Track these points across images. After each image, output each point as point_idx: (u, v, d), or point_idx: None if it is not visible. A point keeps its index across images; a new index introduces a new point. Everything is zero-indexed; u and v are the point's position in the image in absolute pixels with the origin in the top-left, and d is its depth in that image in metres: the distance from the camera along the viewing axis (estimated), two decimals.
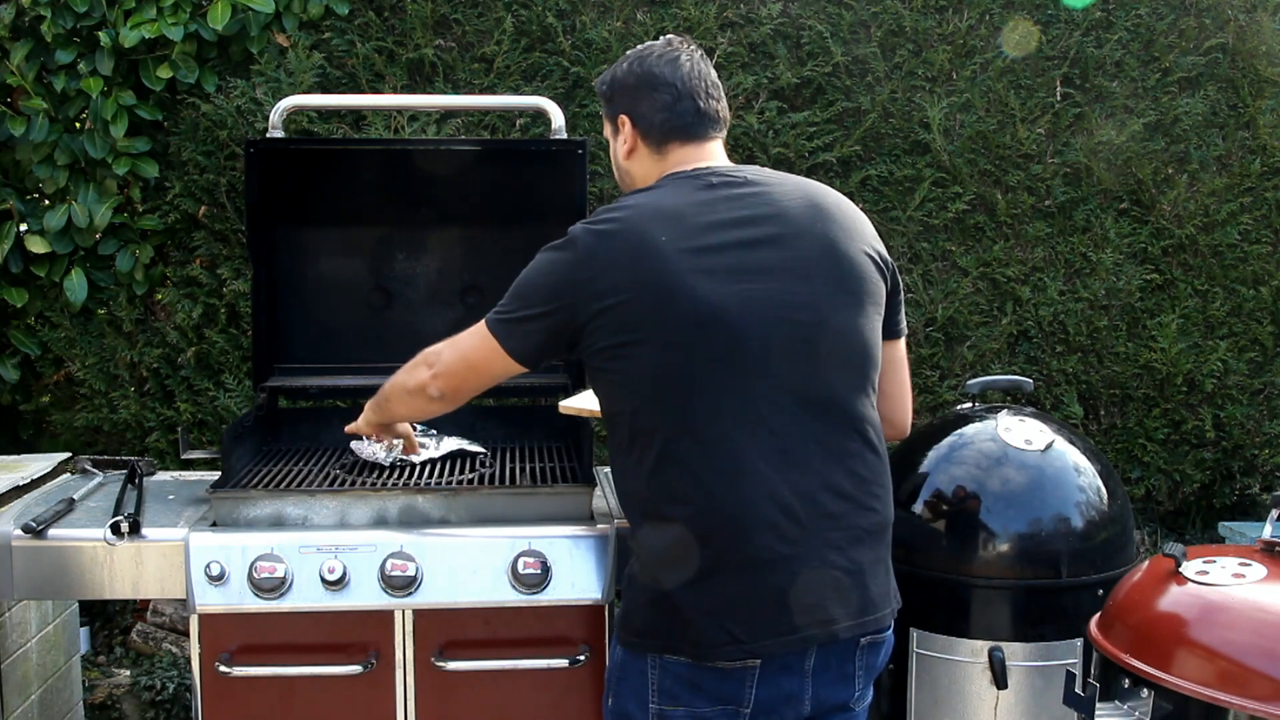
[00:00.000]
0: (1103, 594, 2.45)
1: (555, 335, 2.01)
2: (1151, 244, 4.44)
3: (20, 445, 4.25)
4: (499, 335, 2.06)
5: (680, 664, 1.94)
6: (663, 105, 2.08)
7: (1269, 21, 4.45)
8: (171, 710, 3.88)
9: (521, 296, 2.05)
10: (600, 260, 1.95)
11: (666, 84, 2.08)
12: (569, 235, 2.01)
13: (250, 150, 2.83)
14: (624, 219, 1.98)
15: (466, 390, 2.21)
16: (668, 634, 1.95)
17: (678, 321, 1.91)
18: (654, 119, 2.09)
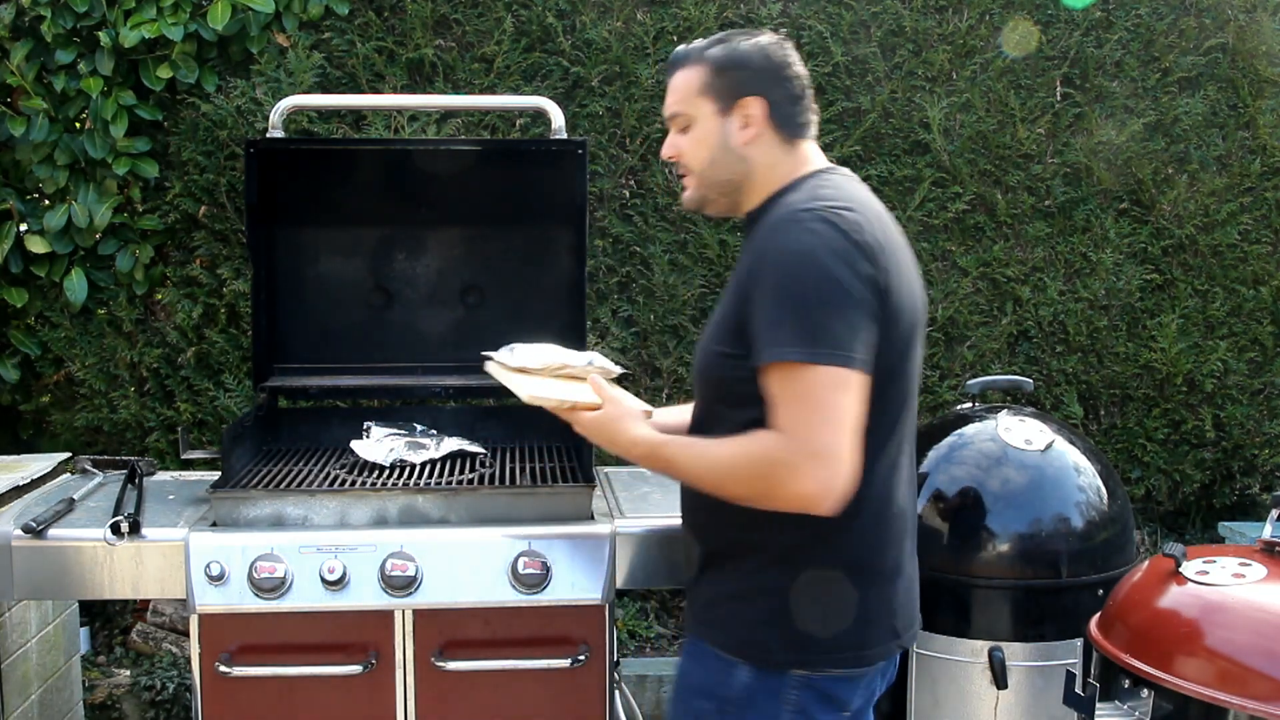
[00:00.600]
0: (1103, 594, 2.46)
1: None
2: (1151, 244, 4.44)
3: (20, 445, 4.25)
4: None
5: (827, 677, 1.88)
6: (795, 96, 1.97)
7: (1269, 21, 4.45)
8: (171, 710, 3.88)
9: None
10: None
11: (797, 76, 1.98)
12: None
13: (250, 150, 2.83)
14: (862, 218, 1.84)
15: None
16: (832, 644, 1.87)
17: (908, 326, 1.89)
18: (789, 109, 1.97)
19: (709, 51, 1.97)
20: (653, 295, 4.19)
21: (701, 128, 1.97)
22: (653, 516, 2.51)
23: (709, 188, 2.00)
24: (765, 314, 1.77)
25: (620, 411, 1.99)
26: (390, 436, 2.76)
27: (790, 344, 1.73)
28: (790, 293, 1.76)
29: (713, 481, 1.85)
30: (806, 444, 1.71)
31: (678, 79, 1.99)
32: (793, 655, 1.87)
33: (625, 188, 4.21)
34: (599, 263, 4.15)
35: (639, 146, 4.16)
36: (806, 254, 1.76)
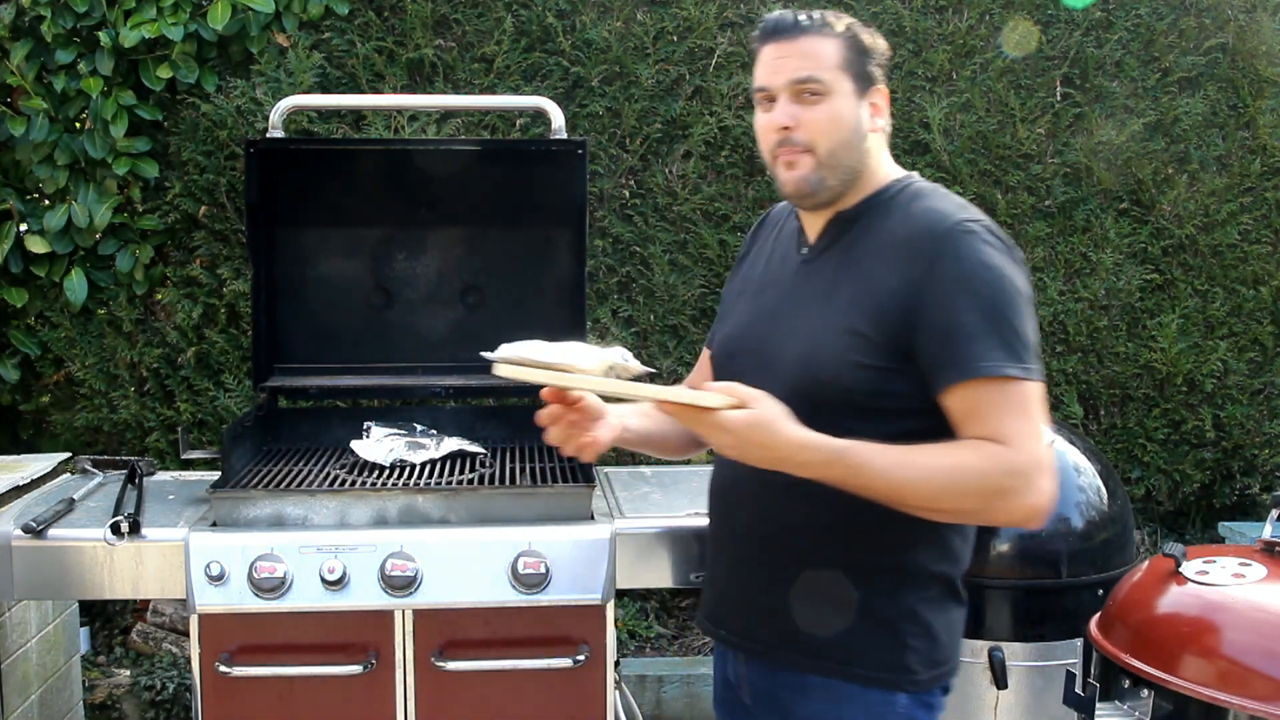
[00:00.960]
0: (1103, 594, 2.46)
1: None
2: (1151, 244, 4.44)
3: (20, 445, 4.24)
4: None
5: (936, 693, 1.86)
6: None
7: (1269, 21, 4.45)
8: (171, 710, 3.88)
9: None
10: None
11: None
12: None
13: (250, 150, 2.83)
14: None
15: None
16: (946, 660, 1.85)
17: None
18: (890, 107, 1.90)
19: (840, 28, 1.83)
20: (653, 295, 4.18)
21: (839, 105, 1.82)
22: (653, 516, 2.51)
23: (831, 171, 1.83)
24: (963, 328, 1.69)
25: (774, 410, 1.67)
26: (390, 436, 2.76)
27: (1004, 359, 1.68)
28: (993, 307, 1.70)
29: (928, 493, 1.68)
30: (1033, 457, 1.66)
31: (811, 45, 1.81)
32: (933, 673, 1.83)
33: (625, 188, 4.21)
34: (599, 263, 4.15)
35: (639, 146, 4.16)
36: (999, 269, 1.73)
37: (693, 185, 4.19)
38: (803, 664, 1.84)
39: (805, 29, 1.82)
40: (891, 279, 1.76)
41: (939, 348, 1.71)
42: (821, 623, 1.82)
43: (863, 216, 1.86)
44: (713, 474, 2.01)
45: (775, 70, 1.83)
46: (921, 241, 1.76)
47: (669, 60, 4.15)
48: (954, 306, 1.71)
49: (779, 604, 1.84)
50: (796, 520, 1.82)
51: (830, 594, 1.80)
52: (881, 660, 1.80)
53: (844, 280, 1.82)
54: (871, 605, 1.80)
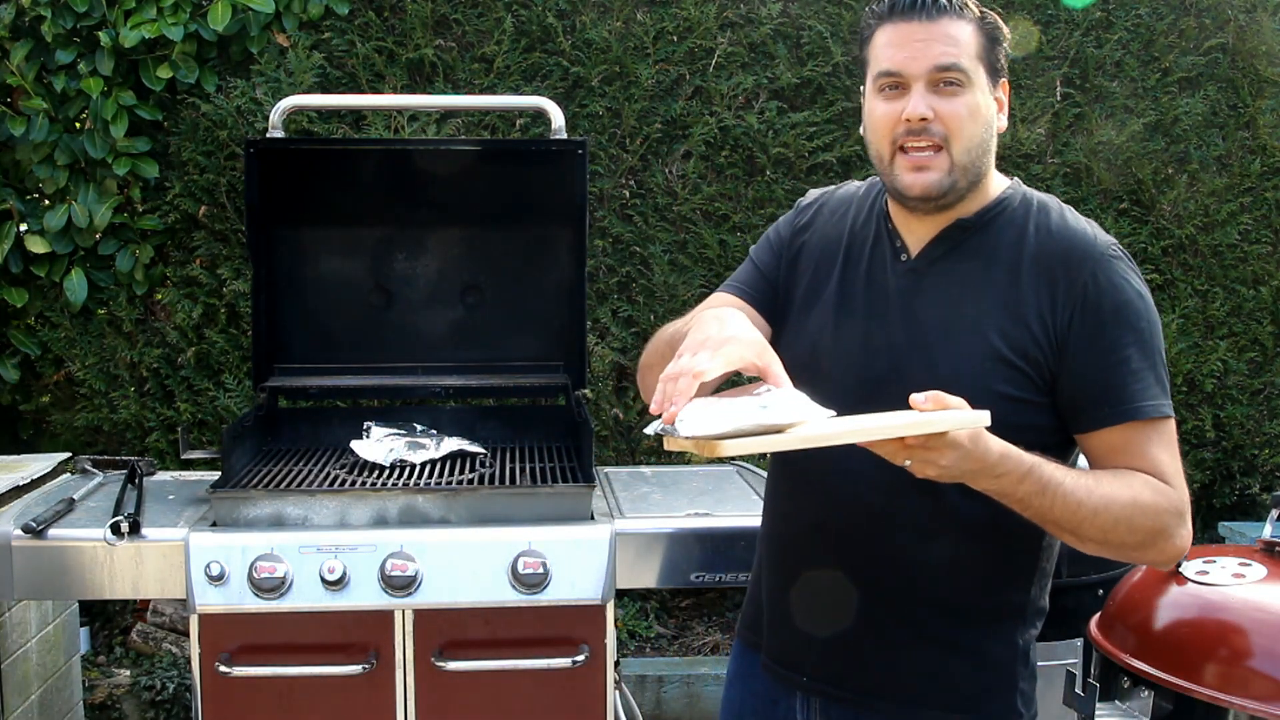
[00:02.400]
0: (1103, 594, 2.46)
1: None
2: (1151, 244, 4.44)
3: (20, 445, 4.24)
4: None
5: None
6: None
7: (1269, 21, 4.45)
8: (171, 710, 3.88)
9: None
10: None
11: None
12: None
13: (250, 150, 2.83)
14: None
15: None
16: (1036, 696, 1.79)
17: None
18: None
19: (976, 10, 1.65)
20: (653, 295, 4.18)
21: (977, 99, 1.62)
22: (653, 516, 2.51)
23: (964, 172, 1.63)
24: (1126, 364, 1.60)
25: (981, 428, 1.49)
26: (390, 436, 2.76)
27: (1161, 396, 1.61)
28: (1150, 341, 1.63)
29: (1104, 522, 1.55)
30: (1186, 499, 1.61)
31: (952, 28, 1.62)
32: (1032, 711, 1.76)
33: (625, 188, 4.21)
34: (599, 263, 4.15)
35: (639, 146, 4.16)
36: (1148, 299, 1.67)
37: (693, 185, 4.19)
38: (901, 715, 1.70)
39: (944, 9, 1.62)
40: (1040, 303, 1.62)
41: (1097, 385, 1.60)
42: (942, 669, 1.69)
43: (985, 226, 1.68)
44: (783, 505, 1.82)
45: (912, 54, 1.61)
46: (1072, 266, 1.63)
47: (669, 60, 4.15)
48: (1117, 341, 1.60)
49: (898, 651, 1.70)
50: (938, 559, 1.67)
51: (948, 638, 1.68)
52: (995, 705, 1.70)
53: (974, 299, 1.64)
54: (990, 647, 1.70)
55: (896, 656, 1.70)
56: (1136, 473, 1.60)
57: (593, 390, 4.06)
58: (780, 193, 4.19)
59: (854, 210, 1.81)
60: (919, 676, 1.70)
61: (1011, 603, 1.70)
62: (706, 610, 4.46)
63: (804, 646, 1.77)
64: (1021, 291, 1.63)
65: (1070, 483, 1.54)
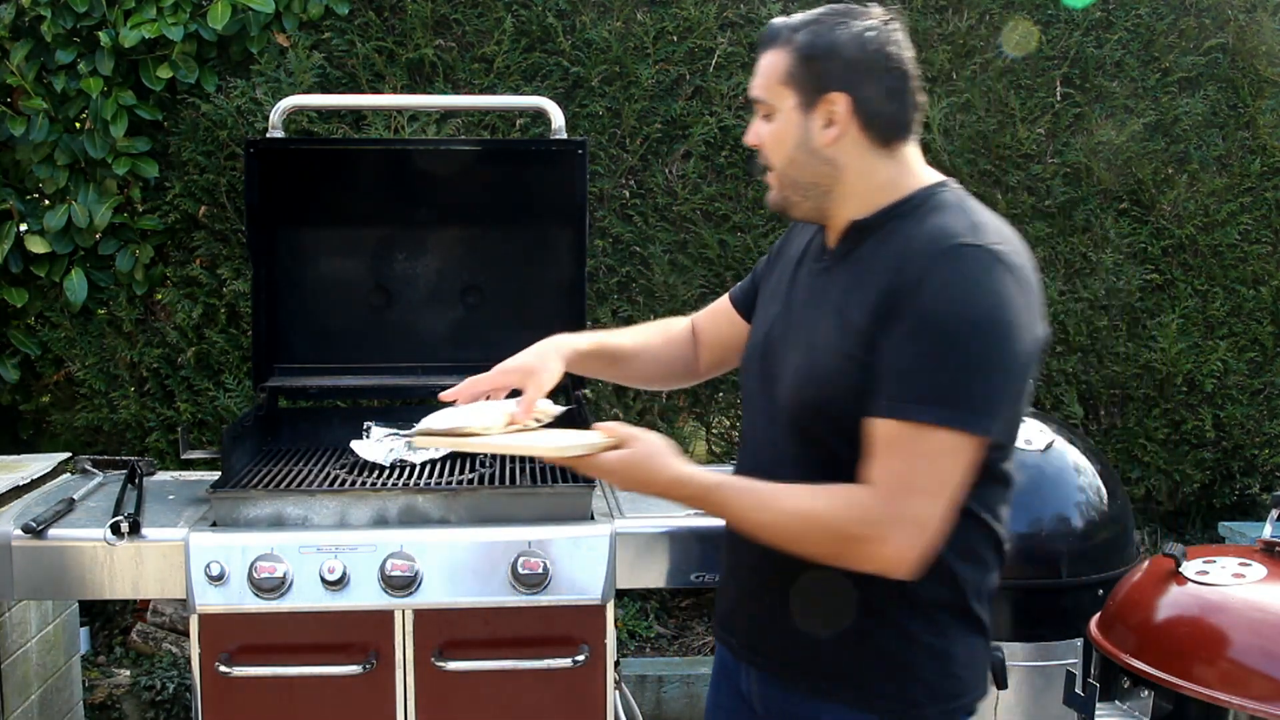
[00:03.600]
0: (1103, 594, 2.46)
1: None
2: (1151, 244, 4.44)
3: (20, 445, 4.24)
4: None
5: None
6: (894, 92, 1.72)
7: (1269, 21, 4.45)
8: (171, 710, 3.88)
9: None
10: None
11: (899, 68, 1.72)
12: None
13: (250, 150, 2.83)
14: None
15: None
16: (962, 692, 1.78)
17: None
18: (884, 108, 1.71)
19: (798, 35, 1.74)
20: (653, 295, 4.18)
21: (781, 122, 1.75)
22: (653, 516, 2.50)
23: (790, 189, 1.77)
24: (903, 360, 1.59)
25: (651, 447, 1.72)
26: (390, 436, 2.76)
27: (929, 401, 1.56)
28: (954, 349, 1.57)
29: (784, 537, 1.66)
30: (897, 510, 1.58)
31: (764, 61, 1.78)
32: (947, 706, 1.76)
33: (625, 188, 4.21)
34: (599, 263, 4.15)
35: (639, 146, 4.16)
36: (982, 302, 1.58)
37: (693, 185, 4.19)
38: (815, 690, 1.77)
39: (765, 42, 1.80)
40: (883, 296, 1.64)
41: (879, 370, 1.61)
42: (830, 650, 1.75)
43: (881, 226, 1.72)
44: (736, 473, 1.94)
45: (750, 85, 1.82)
46: (913, 259, 1.63)
47: (669, 60, 4.15)
48: (909, 337, 1.59)
49: (790, 626, 1.77)
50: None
51: (836, 622, 1.73)
52: (888, 691, 1.72)
53: (849, 297, 1.70)
54: (875, 635, 1.72)
55: (791, 634, 1.77)
56: (831, 486, 1.63)
57: (593, 390, 4.06)
58: None
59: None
60: (808, 654, 1.76)
61: (896, 592, 1.67)
62: (706, 610, 4.46)
63: (734, 612, 1.90)
64: (877, 289, 1.66)
65: (744, 503, 1.69)
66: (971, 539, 1.72)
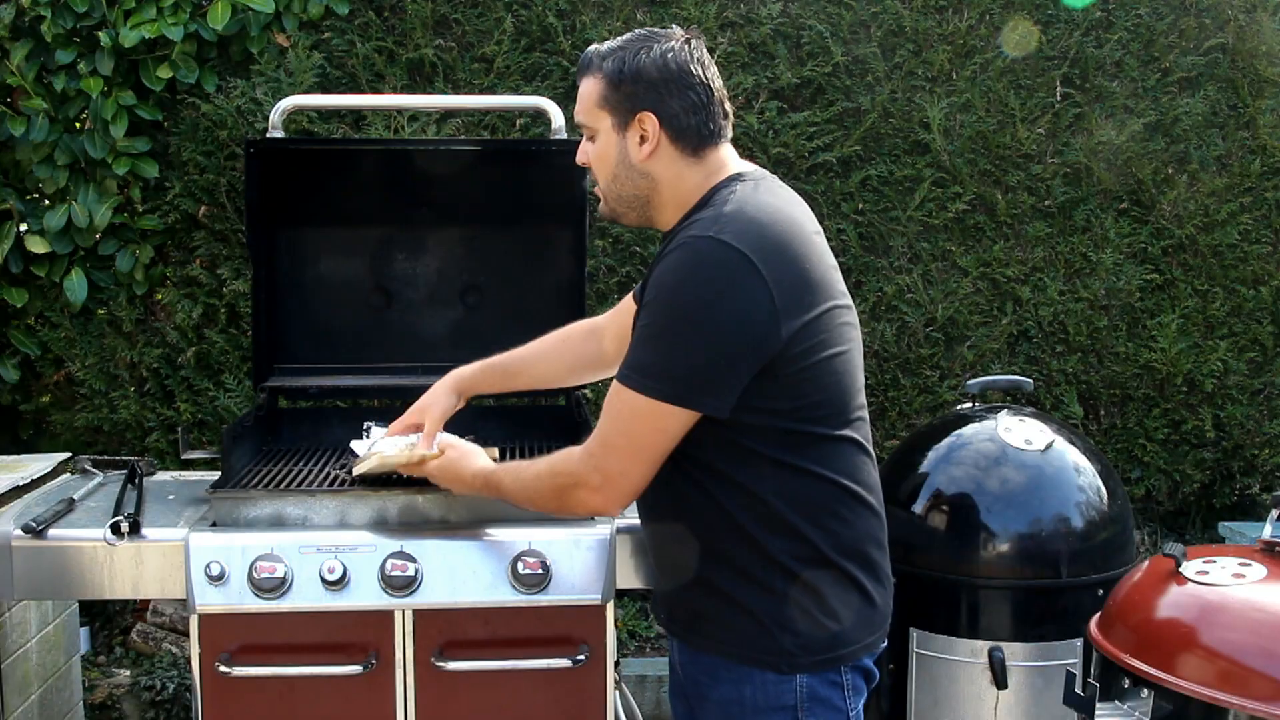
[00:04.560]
0: (1103, 594, 2.46)
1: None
2: (1151, 244, 4.44)
3: (20, 445, 4.24)
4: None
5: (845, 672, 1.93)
6: (697, 106, 1.91)
7: (1269, 21, 4.45)
8: (171, 710, 3.88)
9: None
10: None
11: (700, 83, 1.91)
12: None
13: (250, 150, 2.83)
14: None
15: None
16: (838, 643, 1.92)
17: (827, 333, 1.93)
18: (688, 121, 1.91)
19: (605, 63, 1.93)
20: None
21: (602, 143, 1.97)
22: None
23: (616, 202, 2.00)
24: (633, 335, 1.86)
25: (459, 452, 2.19)
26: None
27: (631, 368, 1.82)
28: (657, 320, 1.81)
29: (526, 499, 2.04)
30: (589, 459, 1.89)
31: (582, 88, 1.98)
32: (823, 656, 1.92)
33: None
34: (599, 263, 4.15)
35: None
36: (684, 286, 1.80)
37: None
38: (706, 648, 1.94)
39: (581, 70, 1.98)
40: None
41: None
42: (706, 609, 1.93)
43: (674, 235, 1.92)
44: None
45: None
46: (662, 254, 1.88)
47: None
48: (640, 317, 1.86)
49: (678, 593, 1.99)
50: (664, 514, 1.98)
51: (702, 582, 1.92)
52: (758, 643, 1.88)
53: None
54: (742, 592, 1.88)
55: (681, 596, 1.99)
56: (557, 453, 1.96)
57: (592, 390, 4.06)
58: None
59: None
60: (693, 614, 1.97)
61: (748, 554, 1.86)
62: None
63: (656, 592, 2.15)
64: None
65: (507, 480, 2.07)
66: (816, 496, 1.87)
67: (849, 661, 1.90)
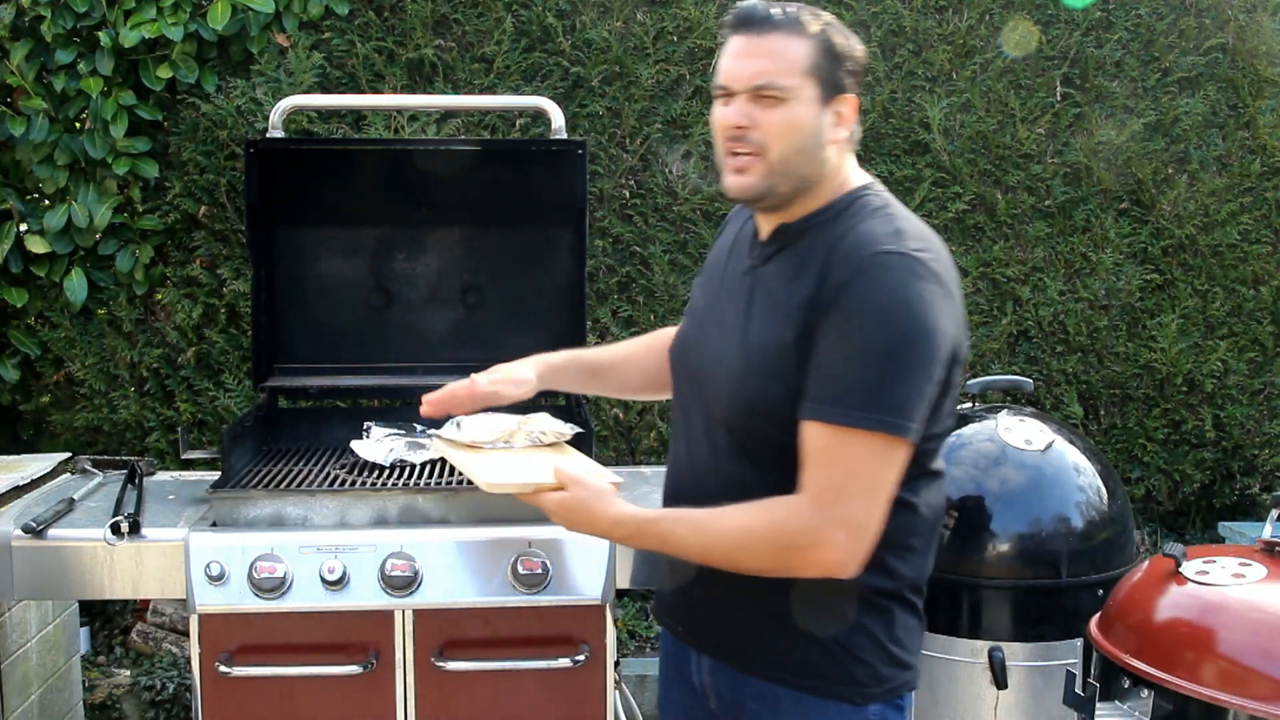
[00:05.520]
0: (1103, 594, 2.46)
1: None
2: (1151, 244, 4.44)
3: (20, 445, 4.24)
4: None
5: (904, 697, 1.84)
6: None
7: (1269, 21, 4.45)
8: (171, 710, 3.88)
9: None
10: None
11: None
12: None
13: (250, 150, 2.83)
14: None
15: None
16: (899, 673, 1.83)
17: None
18: (859, 117, 1.81)
19: (815, 29, 1.72)
20: (653, 295, 4.19)
21: (799, 111, 1.71)
22: None
23: (782, 178, 1.74)
24: (833, 365, 1.64)
25: (588, 492, 1.81)
26: (390, 436, 2.76)
27: (855, 407, 1.61)
28: (883, 353, 1.62)
29: (722, 557, 1.72)
30: (830, 514, 1.63)
31: (778, 44, 1.71)
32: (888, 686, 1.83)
33: (625, 188, 4.21)
34: (599, 263, 4.15)
35: (639, 146, 4.16)
36: (903, 308, 1.62)
37: (693, 185, 4.19)
38: (765, 675, 1.81)
39: (776, 24, 1.72)
40: (814, 299, 1.68)
41: (810, 374, 1.66)
42: (765, 633, 1.80)
43: (805, 231, 1.77)
44: (668, 469, 1.96)
45: (738, 67, 1.73)
46: (843, 262, 1.67)
47: (669, 60, 4.15)
48: (841, 340, 1.63)
49: (738, 614, 1.82)
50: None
51: (777, 610, 1.77)
52: (833, 674, 1.77)
53: (778, 297, 1.75)
54: (819, 622, 1.76)
55: (732, 618, 1.82)
56: (763, 501, 1.68)
57: None
58: None
59: (747, 212, 1.93)
60: (750, 639, 1.82)
61: (830, 582, 1.70)
62: None
63: (678, 597, 1.94)
64: (806, 292, 1.70)
65: (682, 530, 1.75)
66: (908, 528, 1.78)
67: (913, 687, 1.83)
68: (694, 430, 1.86)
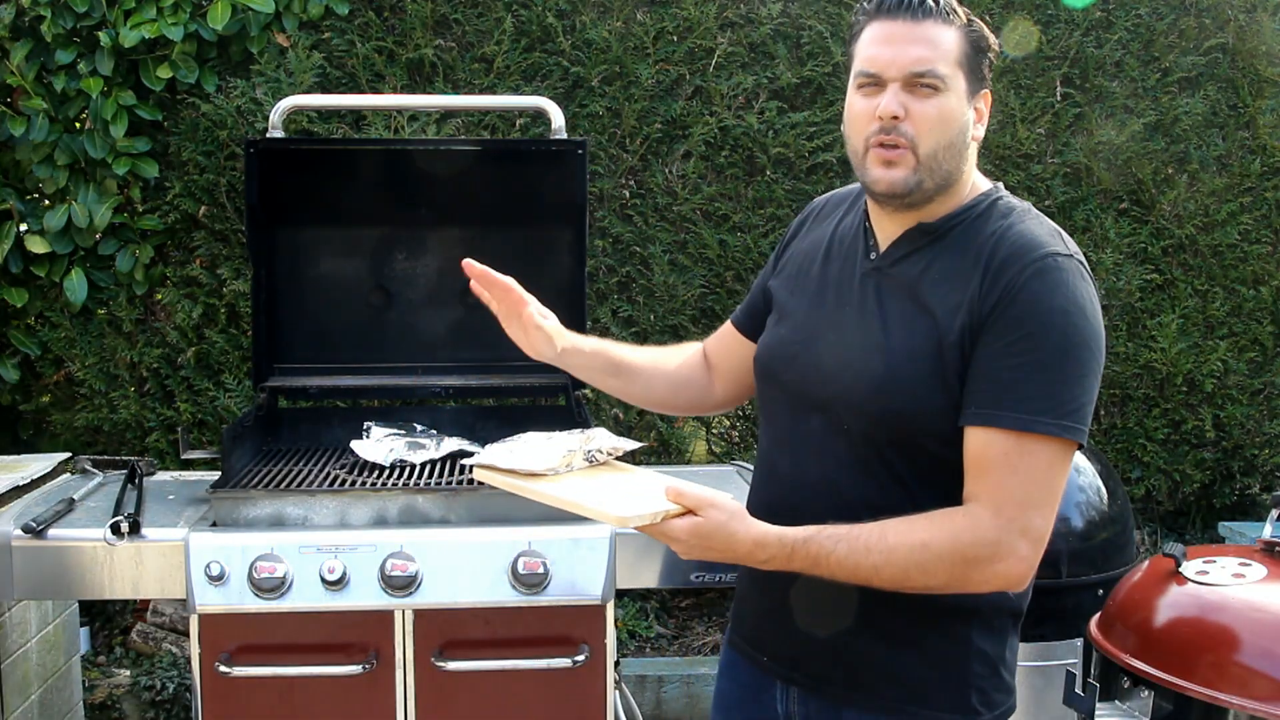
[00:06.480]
0: (1103, 594, 2.45)
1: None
2: (1151, 244, 4.44)
3: (20, 445, 4.24)
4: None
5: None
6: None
7: (1269, 21, 4.45)
8: (171, 710, 3.88)
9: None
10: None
11: None
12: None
13: (250, 150, 2.83)
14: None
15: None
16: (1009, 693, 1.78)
17: None
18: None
19: (964, 19, 1.65)
20: (653, 295, 4.18)
21: (951, 104, 1.64)
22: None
23: (930, 174, 1.65)
24: (1008, 370, 1.57)
25: (725, 514, 1.62)
26: (390, 436, 2.76)
27: (1038, 412, 1.55)
28: (1058, 358, 1.57)
29: (892, 576, 1.59)
30: (1012, 523, 1.56)
31: (933, 31, 1.63)
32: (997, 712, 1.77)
33: (625, 188, 4.21)
34: (599, 263, 4.15)
35: (639, 146, 4.16)
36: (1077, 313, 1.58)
37: (693, 185, 4.19)
38: (869, 704, 1.71)
39: (930, 11, 1.63)
40: (974, 302, 1.61)
41: (978, 381, 1.59)
42: (884, 662, 1.71)
43: (947, 232, 1.69)
44: (758, 485, 1.87)
45: (892, 54, 1.63)
46: (1008, 266, 1.61)
47: (669, 60, 4.15)
48: (1015, 345, 1.57)
49: (838, 640, 1.72)
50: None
51: (893, 633, 1.69)
52: (948, 700, 1.70)
53: (927, 301, 1.66)
54: (937, 644, 1.69)
55: (840, 648, 1.72)
56: (931, 513, 1.59)
57: (592, 390, 4.06)
58: (780, 193, 4.19)
59: (843, 209, 1.87)
60: (855, 668, 1.72)
61: (958, 601, 1.65)
62: (706, 610, 4.46)
63: (764, 626, 1.82)
64: (963, 295, 1.63)
65: (843, 549, 1.59)
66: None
67: (1012, 711, 1.76)
68: (807, 443, 1.74)
